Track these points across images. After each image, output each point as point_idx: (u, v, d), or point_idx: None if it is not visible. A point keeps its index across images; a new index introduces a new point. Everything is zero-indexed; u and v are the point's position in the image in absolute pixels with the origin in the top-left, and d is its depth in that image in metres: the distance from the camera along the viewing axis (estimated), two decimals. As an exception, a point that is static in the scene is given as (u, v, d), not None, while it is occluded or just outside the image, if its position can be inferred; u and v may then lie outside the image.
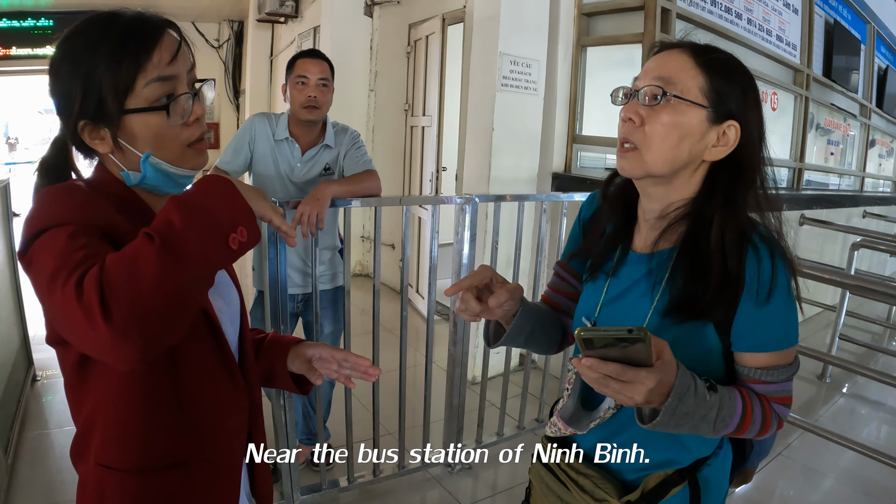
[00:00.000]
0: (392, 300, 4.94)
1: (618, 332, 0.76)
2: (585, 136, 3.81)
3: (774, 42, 4.73)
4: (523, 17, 3.46)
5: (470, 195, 2.51)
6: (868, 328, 5.12)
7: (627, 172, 0.99)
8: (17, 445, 2.69)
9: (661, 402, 0.84)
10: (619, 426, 1.05)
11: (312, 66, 2.32)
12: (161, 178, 0.91)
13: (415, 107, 5.14)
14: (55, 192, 0.83)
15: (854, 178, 6.85)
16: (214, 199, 0.79)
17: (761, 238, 0.94)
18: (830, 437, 2.83)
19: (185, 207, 0.76)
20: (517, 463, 2.80)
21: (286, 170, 2.41)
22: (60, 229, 0.76)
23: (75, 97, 0.84)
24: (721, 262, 0.92)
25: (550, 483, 1.15)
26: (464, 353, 2.69)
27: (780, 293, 0.93)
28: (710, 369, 0.98)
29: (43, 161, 0.91)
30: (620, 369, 0.79)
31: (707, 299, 0.92)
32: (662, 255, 1.00)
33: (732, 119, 0.94)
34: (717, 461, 1.05)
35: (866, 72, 6.56)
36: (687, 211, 0.98)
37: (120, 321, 0.67)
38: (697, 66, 0.94)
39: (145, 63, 0.84)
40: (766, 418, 0.97)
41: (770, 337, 0.96)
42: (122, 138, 0.87)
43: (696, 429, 0.90)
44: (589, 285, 1.12)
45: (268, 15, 7.14)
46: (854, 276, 3.50)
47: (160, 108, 0.86)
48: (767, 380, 0.97)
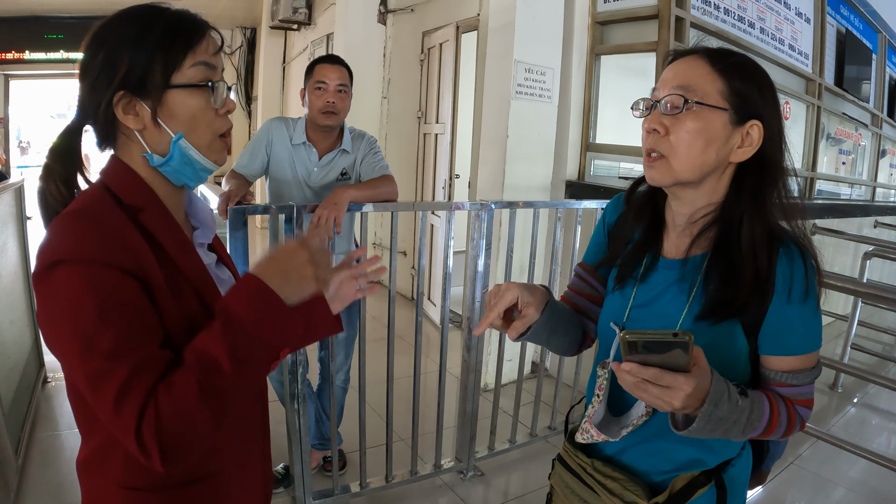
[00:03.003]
0: (403, 307, 4.94)
1: (664, 336, 0.76)
2: (599, 144, 3.80)
3: (787, 51, 4.72)
4: (538, 25, 3.47)
5: (486, 202, 2.51)
6: (879, 338, 5.09)
7: (657, 182, 1.00)
8: (28, 446, 2.70)
9: (697, 407, 0.84)
10: (648, 434, 1.04)
11: (332, 72, 2.33)
12: (183, 165, 0.91)
13: (428, 114, 5.14)
14: (70, 220, 0.81)
15: (865, 188, 6.82)
16: (266, 327, 0.81)
17: (792, 241, 0.96)
18: (842, 446, 2.81)
19: (235, 338, 0.79)
20: (529, 470, 2.79)
21: (303, 174, 2.41)
22: (76, 268, 0.76)
23: (120, 66, 0.84)
24: (753, 261, 0.94)
25: (575, 487, 1.15)
26: (477, 361, 2.68)
27: (810, 297, 0.95)
28: (738, 373, 0.99)
29: (53, 148, 0.90)
30: (660, 374, 0.80)
31: (741, 298, 0.93)
32: (696, 261, 1.01)
33: (754, 119, 0.95)
34: (741, 461, 1.07)
35: (878, 81, 6.52)
36: (717, 215, 0.99)
37: (173, 463, 0.75)
38: (715, 70, 0.95)
39: (196, 46, 0.87)
40: (790, 420, 0.98)
41: (797, 340, 0.97)
42: (161, 115, 0.87)
43: (728, 433, 0.90)
44: (616, 292, 1.12)
45: (281, 22, 7.17)
46: (868, 285, 3.48)
47: (205, 87, 0.88)
48: (793, 383, 0.98)
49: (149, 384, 0.75)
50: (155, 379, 0.76)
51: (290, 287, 0.84)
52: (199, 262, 0.95)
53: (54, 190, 0.88)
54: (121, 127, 0.88)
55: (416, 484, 2.64)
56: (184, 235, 0.93)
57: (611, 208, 1.22)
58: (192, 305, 0.89)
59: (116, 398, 0.73)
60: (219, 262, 1.06)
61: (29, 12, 8.64)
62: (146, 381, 0.75)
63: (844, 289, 2.86)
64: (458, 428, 2.75)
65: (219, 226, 1.32)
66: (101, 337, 0.75)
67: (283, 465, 2.58)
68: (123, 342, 0.76)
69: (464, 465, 2.73)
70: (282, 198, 2.42)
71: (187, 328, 0.86)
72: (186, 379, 0.76)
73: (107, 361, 0.74)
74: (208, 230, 1.03)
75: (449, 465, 2.71)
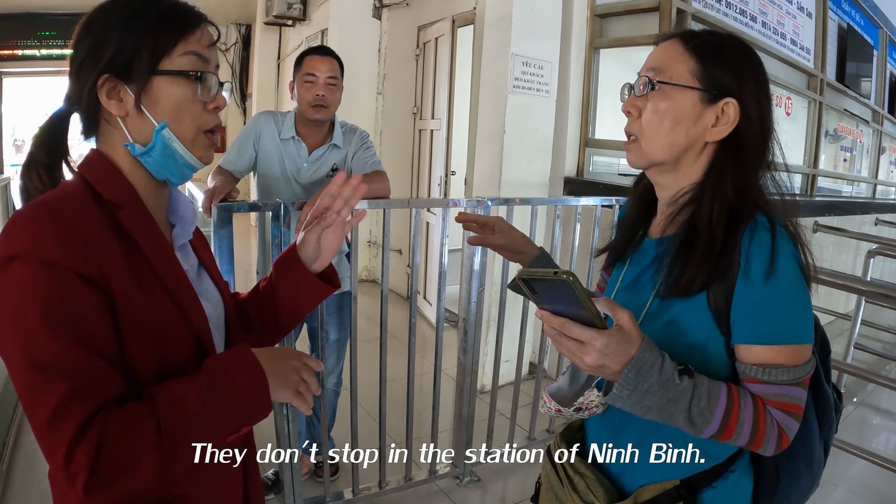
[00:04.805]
0: (398, 306, 4.88)
1: (545, 273, 0.76)
2: (598, 139, 3.74)
3: (789, 46, 4.68)
4: (536, 18, 3.40)
5: (482, 198, 2.44)
6: (879, 336, 5.06)
7: (634, 164, 1.01)
8: (14, 451, 2.65)
9: (619, 372, 0.81)
10: (620, 422, 1.02)
11: (321, 64, 2.25)
12: (165, 158, 0.87)
13: (423, 110, 5.09)
14: (35, 212, 0.76)
15: (866, 185, 6.78)
16: (241, 399, 0.82)
17: (765, 216, 0.89)
18: (842, 447, 2.76)
19: (216, 400, 0.79)
20: (527, 475, 2.73)
21: (292, 170, 2.34)
22: (31, 267, 0.72)
23: (107, 48, 0.82)
24: (707, 231, 0.90)
25: (552, 479, 1.13)
26: (473, 362, 2.62)
27: (782, 276, 0.85)
28: (709, 366, 0.91)
29: (37, 136, 0.86)
30: (568, 324, 0.80)
31: (691, 271, 0.90)
32: (669, 240, 0.98)
33: (730, 97, 0.93)
34: (726, 486, 0.96)
35: (879, 77, 6.49)
36: (692, 196, 0.97)
37: (95, 495, 0.70)
38: (687, 51, 0.94)
39: (189, 35, 0.85)
40: (758, 423, 0.86)
41: (768, 326, 0.87)
42: (144, 102, 0.84)
43: (669, 416, 0.84)
44: (613, 274, 1.13)
45: (275, 18, 7.11)
46: (872, 284, 3.44)
47: (192, 76, 0.86)
48: (765, 379, 0.87)
49: (89, 408, 0.70)
50: (98, 404, 0.71)
51: (271, 381, 0.86)
52: (177, 265, 0.89)
53: (35, 178, 0.85)
54: (104, 113, 0.85)
55: (410, 490, 2.57)
56: (162, 236, 0.88)
57: (626, 203, 1.21)
58: (164, 310, 0.84)
59: (51, 417, 0.69)
60: (200, 268, 1.01)
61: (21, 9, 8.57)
62: (87, 405, 0.70)
63: (849, 287, 2.81)
64: (454, 431, 2.68)
65: (204, 224, 1.26)
66: (43, 348, 0.70)
67: (273, 471, 2.51)
68: (67, 358, 0.71)
69: (460, 471, 2.66)
70: (270, 195, 2.34)
71: (159, 332, 0.82)
72: (147, 419, 0.73)
73: (45, 375, 0.69)
74: (187, 225, 0.97)
75: (445, 470, 2.64)
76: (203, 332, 0.90)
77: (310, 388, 0.90)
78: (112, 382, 0.74)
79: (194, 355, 0.88)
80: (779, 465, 1.00)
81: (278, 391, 0.86)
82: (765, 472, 1.01)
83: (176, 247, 0.94)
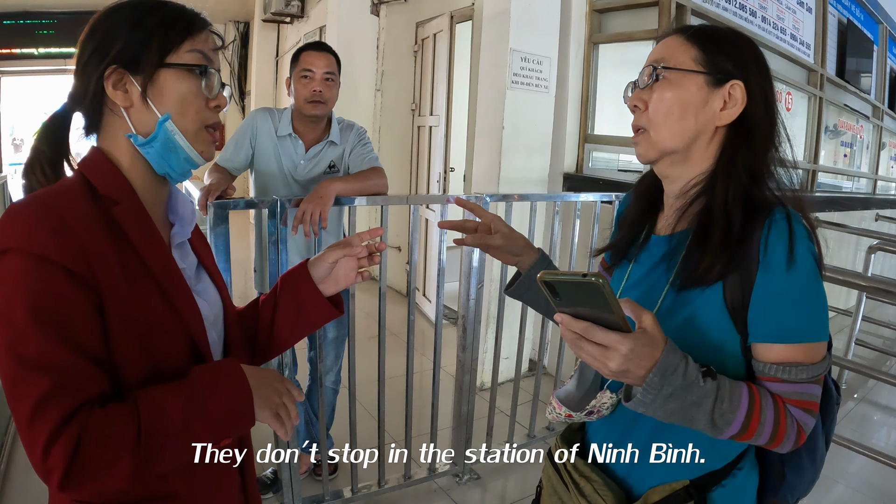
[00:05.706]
0: (397, 304, 4.87)
1: (573, 276, 0.72)
2: (597, 135, 3.72)
3: (788, 41, 4.66)
4: (534, 12, 3.38)
5: (481, 195, 2.43)
6: (880, 332, 5.04)
7: (644, 157, 0.99)
8: (12, 450, 2.64)
9: (644, 377, 0.78)
10: (629, 424, 0.99)
11: (318, 60, 2.23)
12: (167, 151, 0.88)
13: (422, 106, 5.07)
14: (29, 207, 0.77)
15: (866, 180, 6.76)
16: (224, 413, 0.82)
17: (782, 210, 0.87)
18: (843, 443, 2.74)
19: (200, 408, 0.79)
20: (527, 473, 2.72)
21: (289, 167, 2.32)
22: (21, 260, 0.73)
23: (116, 42, 0.84)
24: (723, 219, 0.89)
25: (555, 483, 1.11)
26: (473, 359, 2.60)
27: (801, 267, 0.84)
28: (726, 364, 0.90)
29: (41, 130, 0.88)
30: (591, 328, 0.76)
31: (707, 261, 0.88)
32: (682, 235, 0.96)
33: (735, 79, 0.92)
34: (735, 483, 0.95)
35: (878, 72, 6.47)
36: (704, 186, 0.95)
37: (70, 491, 0.72)
38: (687, 40, 0.95)
39: (196, 34, 0.89)
40: (779, 422, 0.86)
41: (787, 325, 0.86)
42: (150, 94, 0.86)
43: (691, 420, 0.82)
44: (615, 273, 1.11)
45: (273, 15, 7.09)
46: (874, 279, 3.41)
47: (197, 70, 0.88)
48: (785, 378, 0.86)
49: (70, 405, 0.71)
50: (80, 402, 0.72)
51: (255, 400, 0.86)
52: (172, 262, 0.89)
53: (39, 174, 0.87)
54: (108, 103, 0.86)
55: (410, 488, 2.56)
56: (157, 233, 0.88)
57: (624, 200, 1.20)
58: (154, 306, 0.83)
59: (32, 411, 0.70)
60: (199, 268, 1.01)
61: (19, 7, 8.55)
62: (67, 402, 0.71)
63: (850, 283, 2.79)
64: (454, 429, 2.67)
65: (202, 222, 1.26)
66: (27, 342, 0.71)
67: (272, 469, 2.50)
68: (50, 353, 0.72)
69: (459, 469, 2.65)
70: (267, 192, 2.33)
71: (148, 328, 0.81)
72: (128, 422, 0.74)
73: (27, 369, 0.71)
74: (186, 224, 0.97)
75: (444, 468, 2.63)
76: (197, 331, 0.89)
77: (289, 414, 0.90)
78: (94, 380, 0.75)
79: (187, 354, 0.88)
80: (784, 459, 1.00)
81: (259, 411, 0.86)
82: (770, 468, 1.02)
83: (174, 245, 0.94)
